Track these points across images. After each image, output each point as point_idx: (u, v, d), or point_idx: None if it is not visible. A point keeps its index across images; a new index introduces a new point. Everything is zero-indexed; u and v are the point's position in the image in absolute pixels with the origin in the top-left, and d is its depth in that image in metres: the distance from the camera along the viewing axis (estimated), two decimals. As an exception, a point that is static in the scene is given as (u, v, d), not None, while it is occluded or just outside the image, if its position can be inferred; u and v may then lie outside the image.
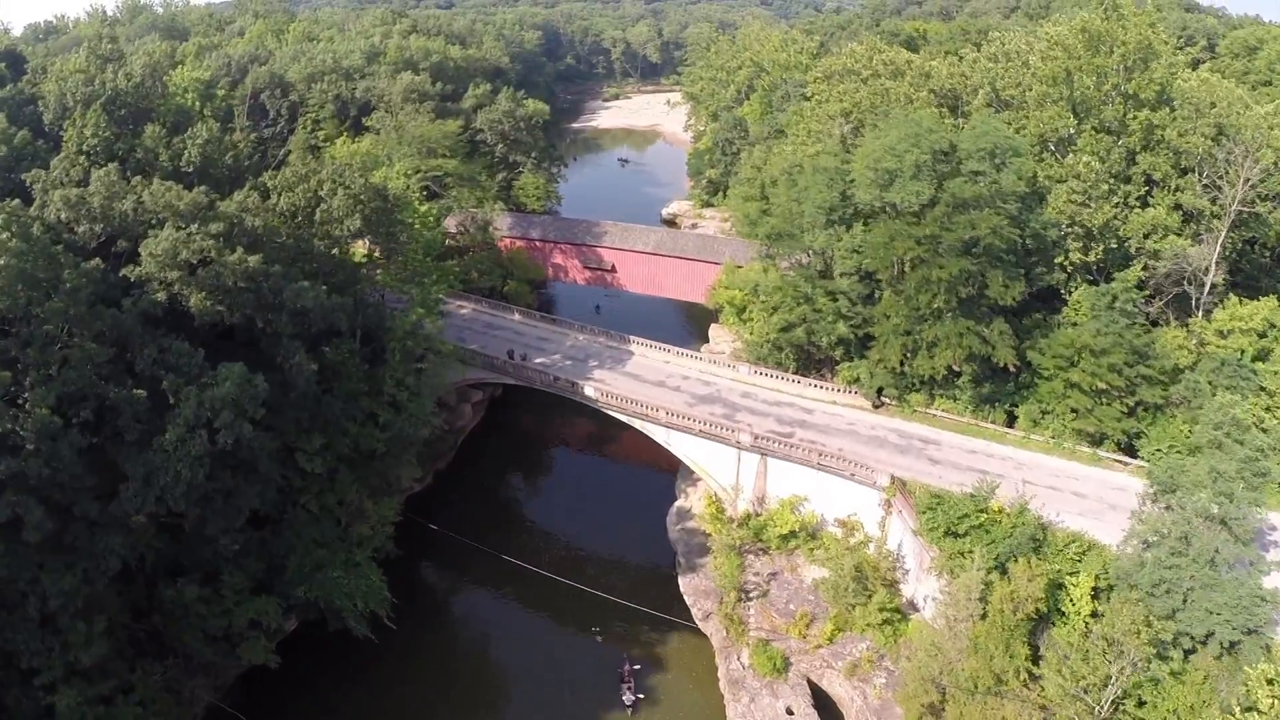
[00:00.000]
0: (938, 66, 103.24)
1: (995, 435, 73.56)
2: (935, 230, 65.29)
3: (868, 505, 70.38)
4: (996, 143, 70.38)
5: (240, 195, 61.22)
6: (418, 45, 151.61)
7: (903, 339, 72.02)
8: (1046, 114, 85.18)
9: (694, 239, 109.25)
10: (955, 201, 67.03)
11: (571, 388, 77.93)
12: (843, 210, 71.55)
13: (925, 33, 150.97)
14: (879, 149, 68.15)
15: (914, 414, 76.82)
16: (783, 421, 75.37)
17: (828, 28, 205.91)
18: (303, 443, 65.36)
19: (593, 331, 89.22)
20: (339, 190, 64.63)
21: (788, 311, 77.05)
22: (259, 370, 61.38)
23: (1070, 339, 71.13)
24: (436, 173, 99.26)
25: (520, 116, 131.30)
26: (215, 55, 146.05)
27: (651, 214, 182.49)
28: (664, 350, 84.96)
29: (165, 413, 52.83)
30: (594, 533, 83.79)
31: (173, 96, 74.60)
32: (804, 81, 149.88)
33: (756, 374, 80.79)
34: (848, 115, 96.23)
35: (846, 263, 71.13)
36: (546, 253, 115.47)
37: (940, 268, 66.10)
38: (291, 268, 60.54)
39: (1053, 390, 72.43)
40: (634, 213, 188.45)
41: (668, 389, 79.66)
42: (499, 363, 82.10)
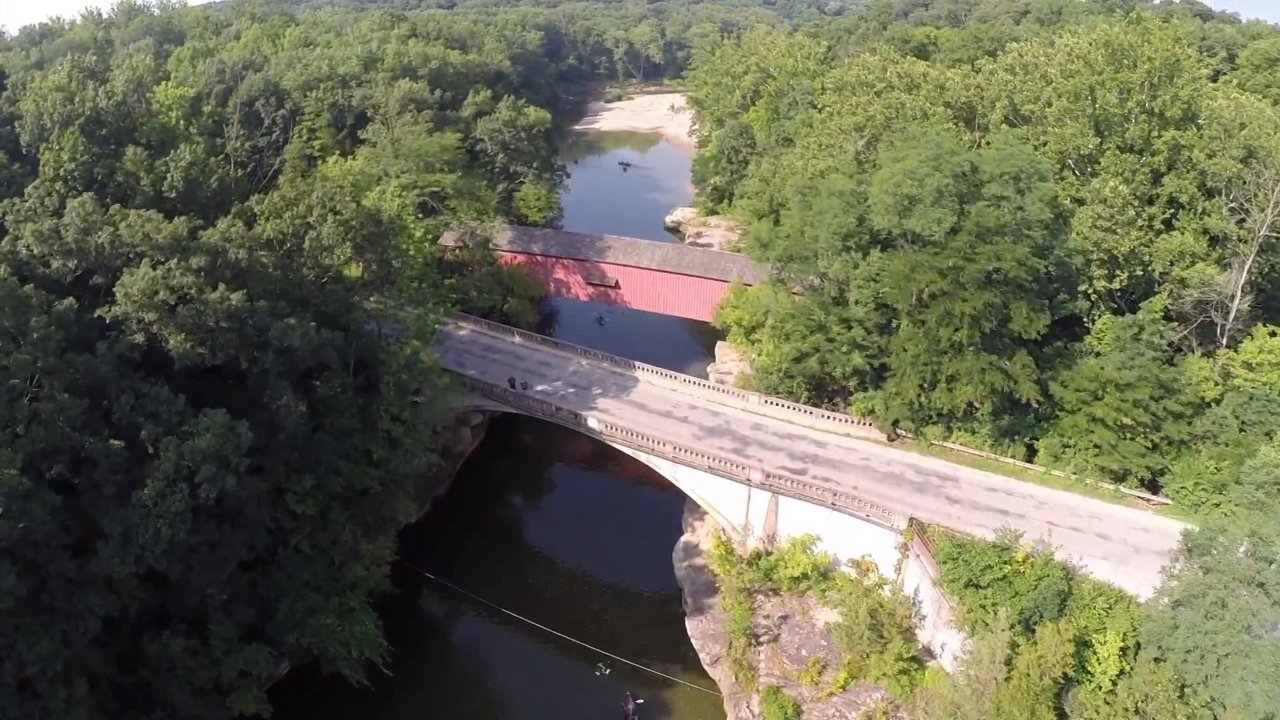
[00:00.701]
0: (953, 79, 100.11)
1: (1015, 471, 70.71)
2: (958, 261, 61.97)
3: (883, 546, 67.30)
4: (1021, 167, 67.11)
5: (224, 224, 57.97)
6: (416, 51, 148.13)
7: (921, 372, 68.82)
8: (1067, 131, 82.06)
9: (700, 255, 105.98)
10: (979, 230, 63.75)
11: (575, 419, 74.75)
12: (859, 236, 68.25)
13: (936, 39, 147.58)
14: (898, 173, 64.86)
15: (931, 448, 73.75)
16: (795, 456, 72.19)
17: (834, 31, 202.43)
18: (293, 484, 62.23)
19: (596, 356, 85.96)
20: (329, 217, 61.37)
21: (800, 340, 73.82)
22: (245, 410, 58.44)
23: (1094, 372, 68.31)
24: (434, 189, 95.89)
25: (521, 126, 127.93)
26: (209, 61, 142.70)
27: (655, 221, 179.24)
28: (670, 377, 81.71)
29: (145, 463, 49.72)
30: (598, 564, 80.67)
31: (156, 115, 71.32)
32: (812, 89, 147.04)
33: (767, 403, 77.59)
34: (860, 129, 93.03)
35: (863, 291, 67.88)
36: (548, 268, 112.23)
37: (963, 300, 62.85)
38: (278, 302, 57.30)
39: (1075, 425, 69.72)
40: (637, 219, 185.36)
41: (674, 419, 76.45)
42: (499, 391, 78.93)
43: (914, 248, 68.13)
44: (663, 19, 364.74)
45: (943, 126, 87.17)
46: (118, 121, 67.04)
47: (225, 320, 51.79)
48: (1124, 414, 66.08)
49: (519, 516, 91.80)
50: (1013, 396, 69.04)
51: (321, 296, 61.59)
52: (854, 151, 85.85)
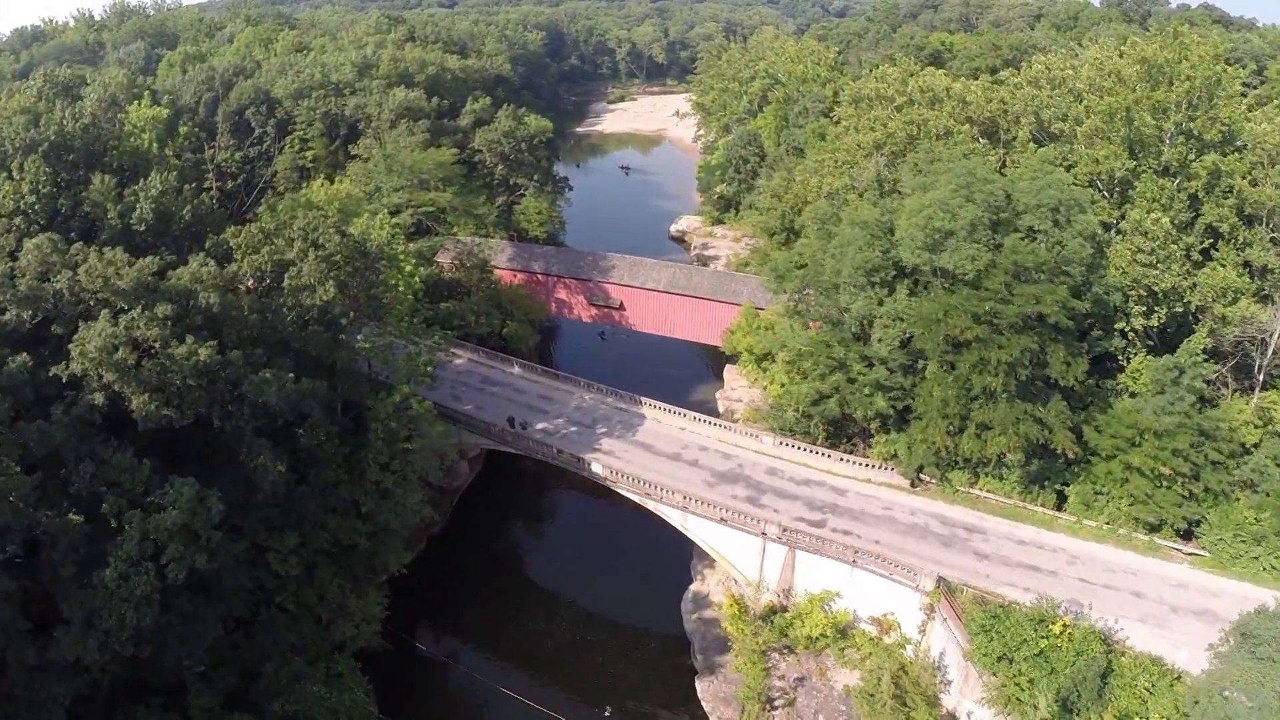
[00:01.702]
0: (975, 91, 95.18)
1: (1045, 521, 66.57)
2: (995, 305, 57.17)
3: (907, 605, 62.70)
4: (1060, 198, 62.33)
5: (195, 264, 53.17)
6: (413, 56, 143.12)
7: (949, 418, 64.11)
8: (1100, 152, 77.18)
9: (709, 277, 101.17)
10: (1016, 269, 58.95)
11: (577, 463, 70.08)
12: (884, 271, 63.42)
13: (952, 46, 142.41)
14: (929, 204, 60.01)
15: (957, 495, 69.24)
16: (813, 506, 67.51)
17: (843, 35, 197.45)
18: (275, 542, 57.76)
19: (600, 390, 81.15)
20: (309, 252, 56.56)
21: (819, 380, 69.06)
22: (220, 466, 54.00)
23: (1132, 419, 64.07)
24: (429, 208, 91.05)
25: (522, 137, 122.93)
26: (199, 68, 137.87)
27: (658, 230, 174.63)
28: (679, 414, 76.92)
29: (108, 538, 45.16)
30: (602, 610, 76.12)
31: (128, 137, 66.56)
32: (823, 96, 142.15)
33: (782, 445, 72.85)
34: (879, 146, 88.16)
35: (888, 331, 63.10)
36: (549, 288, 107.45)
37: (1000, 347, 58.04)
38: (255, 349, 52.60)
39: (1109, 472, 65.73)
40: (640, 228, 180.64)
41: (684, 463, 71.72)
42: (497, 431, 74.27)
43: (943, 283, 63.36)
44: (665, 18, 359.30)
45: (968, 146, 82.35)
46: (86, 146, 62.20)
47: (193, 377, 47.06)
48: (1162, 463, 62.42)
49: (519, 555, 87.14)
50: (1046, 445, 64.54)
51: (303, 338, 56.84)
52: (875, 172, 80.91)
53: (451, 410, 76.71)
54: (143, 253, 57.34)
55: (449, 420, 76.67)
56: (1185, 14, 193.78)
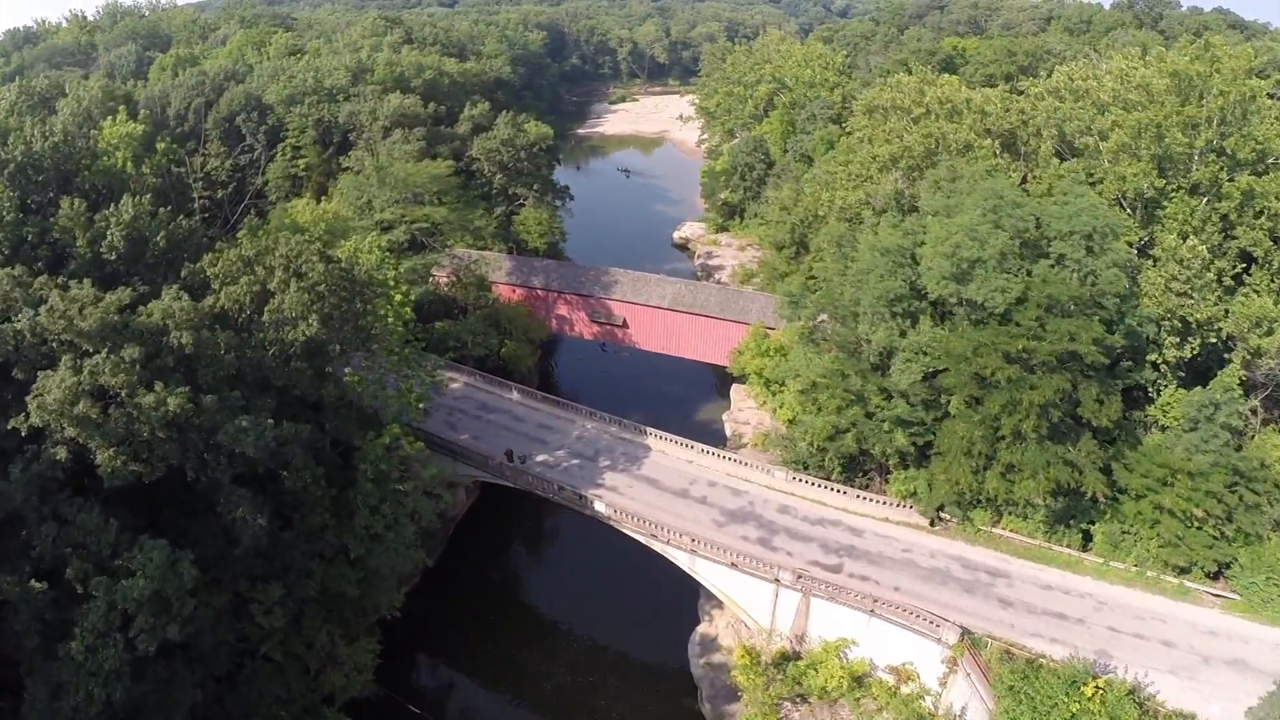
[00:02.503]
0: (994, 102, 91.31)
1: (1071, 563, 63.35)
2: (1028, 343, 53.35)
3: (927, 656, 59.09)
4: (1094, 225, 58.49)
5: (167, 297, 49.35)
6: (409, 60, 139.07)
7: (974, 458, 60.41)
8: (1128, 170, 73.39)
9: (716, 294, 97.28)
10: (1049, 303, 55.12)
11: (579, 501, 66.33)
12: (908, 302, 59.56)
13: (964, 51, 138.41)
14: (956, 231, 56.15)
15: (978, 534, 65.65)
16: (828, 548, 63.78)
17: (850, 37, 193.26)
18: (258, 594, 53.92)
19: (603, 419, 77.29)
20: (291, 282, 52.73)
21: (835, 413, 65.26)
22: (197, 515, 50.26)
23: (1163, 458, 60.66)
24: (423, 224, 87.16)
25: (521, 145, 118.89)
26: (189, 73, 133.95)
27: (661, 236, 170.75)
28: (686, 447, 73.10)
29: (75, 605, 41.52)
30: (605, 648, 72.34)
31: (100, 156, 62.71)
32: (831, 102, 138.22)
33: (795, 480, 69.10)
34: (896, 160, 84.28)
35: (911, 365, 59.26)
36: (549, 304, 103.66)
37: (1032, 387, 54.24)
38: (231, 391, 48.81)
39: (1139, 513, 62.47)
40: (642, 234, 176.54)
41: (692, 500, 67.94)
42: (494, 464, 70.51)
43: (970, 315, 59.50)
44: (667, 17, 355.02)
45: (990, 162, 78.46)
46: (56, 166, 58.32)
47: (162, 429, 43.29)
48: (1195, 504, 59.60)
49: (517, 588, 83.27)
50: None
51: (286, 375, 53.05)
52: (892, 189, 77.05)
53: (446, 441, 73.00)
54: (114, 283, 53.59)
55: (444, 451, 73.08)
56: (1199, 18, 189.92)
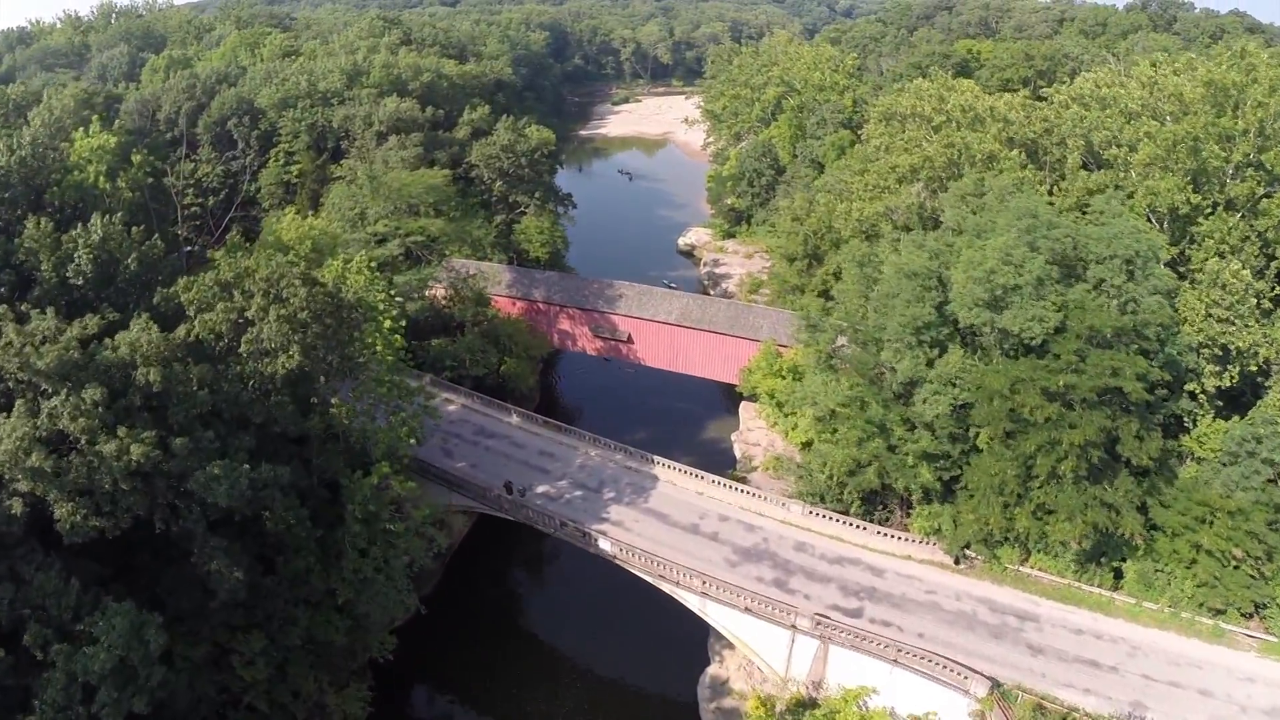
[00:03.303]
0: (1015, 108, 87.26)
1: (1102, 604, 59.80)
2: (1070, 380, 49.23)
3: (954, 708, 54.95)
4: (1136, 248, 54.37)
5: (136, 328, 45.28)
6: (407, 62, 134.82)
7: (1005, 498, 56.38)
8: (1162, 185, 69.35)
9: (726, 309, 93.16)
10: (1090, 335, 50.98)
11: (583, 538, 62.25)
12: (937, 329, 55.40)
13: (979, 54, 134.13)
14: (991, 256, 51.97)
15: (1005, 573, 61.75)
16: (848, 590, 59.69)
17: (858, 39, 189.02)
18: (238, 644, 49.97)
19: (607, 446, 73.09)
20: (271, 310, 48.66)
21: (855, 446, 61.14)
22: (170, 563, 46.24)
23: (1202, 496, 57.02)
24: (418, 236, 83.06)
25: (522, 151, 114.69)
26: (179, 75, 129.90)
27: (666, 243, 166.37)
28: (696, 477, 68.96)
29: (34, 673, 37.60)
30: (609, 687, 68.16)
31: (71, 171, 58.55)
32: (842, 106, 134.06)
33: (811, 515, 64.99)
34: (916, 171, 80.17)
35: (940, 398, 55.14)
36: (551, 317, 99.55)
37: (1071, 426, 50.13)
38: (205, 431, 44.74)
39: (1175, 551, 58.78)
40: (646, 240, 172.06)
41: (702, 536, 63.80)
42: (492, 496, 66.43)
43: (1001, 344, 55.34)
44: (670, 17, 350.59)
45: (1017, 174, 74.37)
46: (24, 181, 54.26)
47: (126, 480, 39.26)
48: (1234, 544, 56.52)
49: (517, 620, 78.88)
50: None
51: (266, 410, 49.00)
52: (914, 202, 72.94)
53: (442, 470, 68.94)
54: (81, 310, 49.57)
55: (439, 481, 69.03)
56: (1216, 20, 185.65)
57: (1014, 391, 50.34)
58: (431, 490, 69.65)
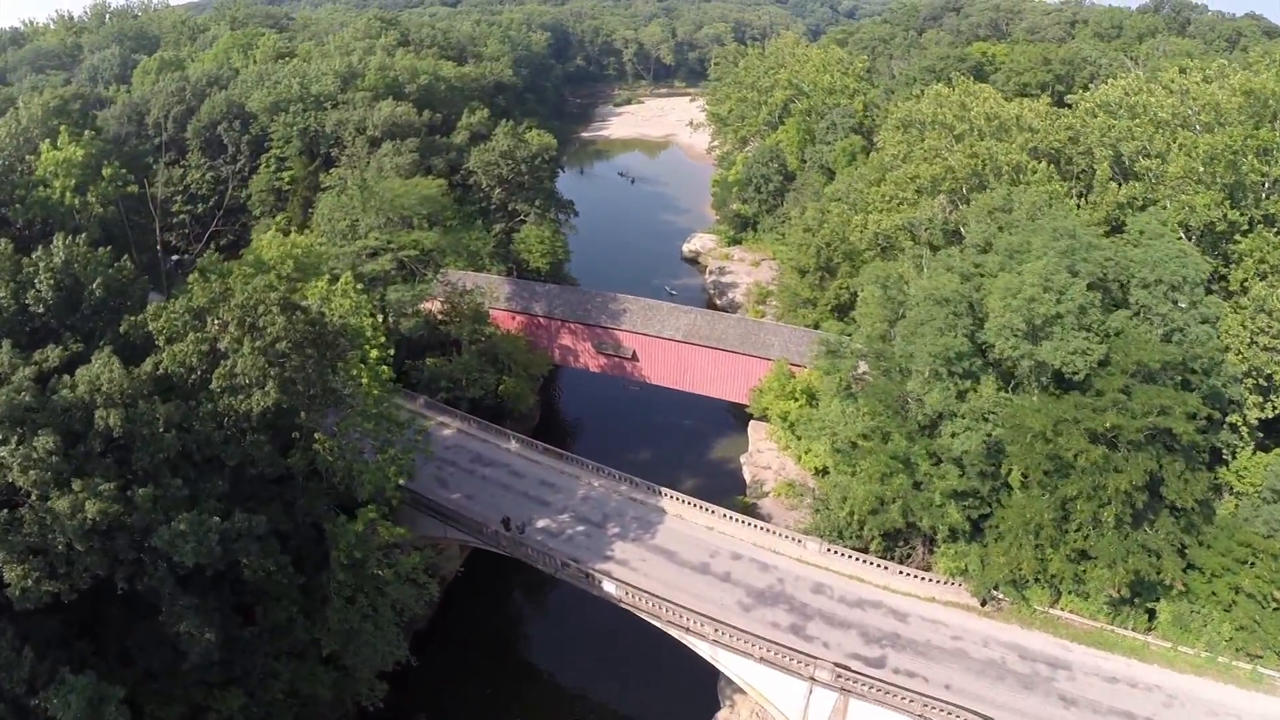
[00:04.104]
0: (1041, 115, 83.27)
1: (1136, 648, 56.09)
2: (1118, 420, 45.26)
3: (987, 766, 51.15)
4: (1184, 274, 50.37)
5: (98, 363, 41.33)
6: (404, 64, 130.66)
7: (1039, 542, 52.44)
8: (1198, 200, 65.46)
9: (735, 326, 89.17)
10: (1138, 370, 46.96)
11: (586, 579, 58.25)
12: (969, 361, 51.36)
13: (994, 57, 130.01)
14: (1030, 282, 47.91)
15: (1034, 616, 57.87)
16: (869, 637, 55.69)
17: (866, 40, 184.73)
18: (215, 702, 46.05)
19: (611, 476, 69.00)
20: (245, 341, 44.69)
21: (877, 481, 57.15)
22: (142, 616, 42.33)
23: (1244, 537, 53.48)
24: (412, 250, 79.04)
25: (522, 157, 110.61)
26: (169, 78, 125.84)
27: (669, 248, 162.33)
28: (706, 511, 64.93)
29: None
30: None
31: (35, 187, 54.39)
32: (853, 110, 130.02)
33: (829, 553, 60.98)
34: (936, 182, 76.09)
35: (972, 435, 51.16)
36: (552, 332, 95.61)
37: (1116, 470, 46.17)
38: (173, 479, 40.81)
39: (1213, 593, 55.30)
40: (649, 246, 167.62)
41: (713, 576, 59.79)
42: (489, 532, 62.42)
43: (1038, 376, 51.30)
44: (673, 18, 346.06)
45: (1046, 187, 70.38)
46: (-15, 199, 50.39)
47: (81, 540, 35.32)
48: (1276, 586, 53.50)
49: (516, 658, 74.51)
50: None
51: (240, 452, 45.04)
52: (939, 217, 68.94)
53: (435, 503, 64.96)
54: (43, 341, 45.68)
55: (432, 513, 65.06)
56: (1232, 24, 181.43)
57: (1056, 433, 46.34)
58: (425, 523, 65.74)
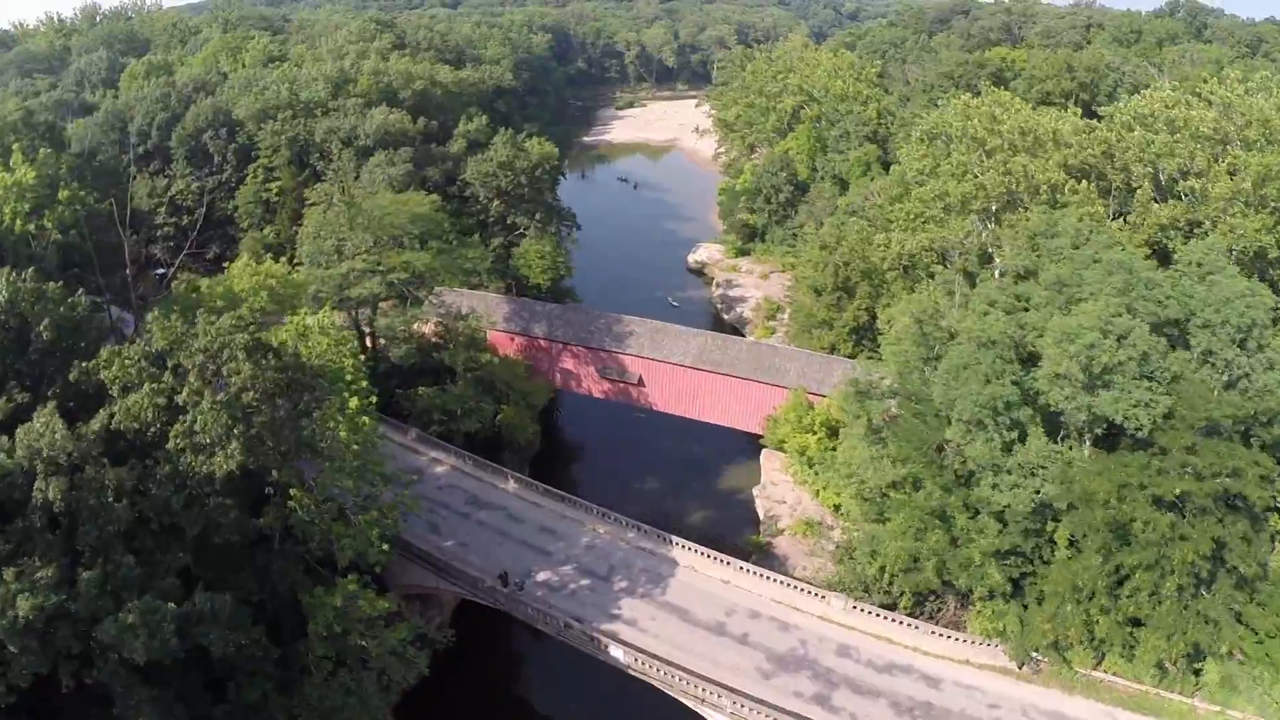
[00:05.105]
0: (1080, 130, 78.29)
1: (1183, 712, 51.32)
2: (1189, 487, 40.22)
3: None
4: (1253, 316, 45.31)
5: (39, 421, 36.32)
6: (398, 69, 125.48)
7: (1088, 608, 47.42)
8: (1250, 225, 60.69)
9: (748, 351, 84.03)
10: (1207, 426, 41.89)
11: (592, 643, 53.10)
12: (1018, 410, 46.23)
13: (1014, 63, 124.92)
14: (1088, 326, 42.79)
15: (1076, 680, 52.86)
16: (900, 707, 50.59)
17: (875, 44, 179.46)
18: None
19: (618, 522, 63.82)
20: (205, 393, 39.62)
21: (911, 536, 52.05)
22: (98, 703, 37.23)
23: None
24: (402, 274, 73.91)
25: (521, 169, 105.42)
26: (153, 84, 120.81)
27: (674, 258, 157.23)
28: (721, 562, 59.77)
29: None
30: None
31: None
32: (868, 118, 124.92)
33: (855, 611, 55.86)
34: (967, 200, 71.02)
35: (1020, 491, 46.09)
36: (553, 355, 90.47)
37: (1183, 539, 41.16)
38: (124, 557, 35.75)
39: (1267, 654, 49.84)
40: (653, 256, 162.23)
41: (730, 638, 54.59)
42: (485, 587, 57.29)
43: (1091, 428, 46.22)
44: (675, 19, 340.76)
45: (1089, 209, 65.41)
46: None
47: (14, 639, 30.31)
48: None
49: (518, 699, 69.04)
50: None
51: (204, 516, 39.98)
52: (973, 241, 63.94)
53: (426, 553, 59.86)
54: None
55: (424, 563, 59.99)
56: (1252, 29, 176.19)
57: (1120, 499, 41.27)
58: (415, 572, 60.70)
